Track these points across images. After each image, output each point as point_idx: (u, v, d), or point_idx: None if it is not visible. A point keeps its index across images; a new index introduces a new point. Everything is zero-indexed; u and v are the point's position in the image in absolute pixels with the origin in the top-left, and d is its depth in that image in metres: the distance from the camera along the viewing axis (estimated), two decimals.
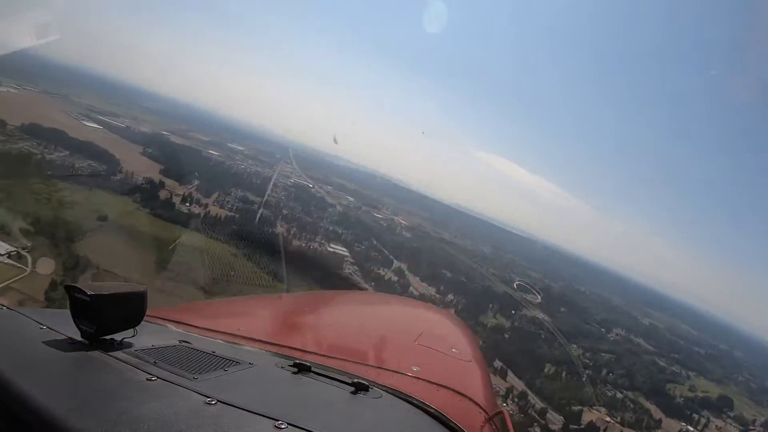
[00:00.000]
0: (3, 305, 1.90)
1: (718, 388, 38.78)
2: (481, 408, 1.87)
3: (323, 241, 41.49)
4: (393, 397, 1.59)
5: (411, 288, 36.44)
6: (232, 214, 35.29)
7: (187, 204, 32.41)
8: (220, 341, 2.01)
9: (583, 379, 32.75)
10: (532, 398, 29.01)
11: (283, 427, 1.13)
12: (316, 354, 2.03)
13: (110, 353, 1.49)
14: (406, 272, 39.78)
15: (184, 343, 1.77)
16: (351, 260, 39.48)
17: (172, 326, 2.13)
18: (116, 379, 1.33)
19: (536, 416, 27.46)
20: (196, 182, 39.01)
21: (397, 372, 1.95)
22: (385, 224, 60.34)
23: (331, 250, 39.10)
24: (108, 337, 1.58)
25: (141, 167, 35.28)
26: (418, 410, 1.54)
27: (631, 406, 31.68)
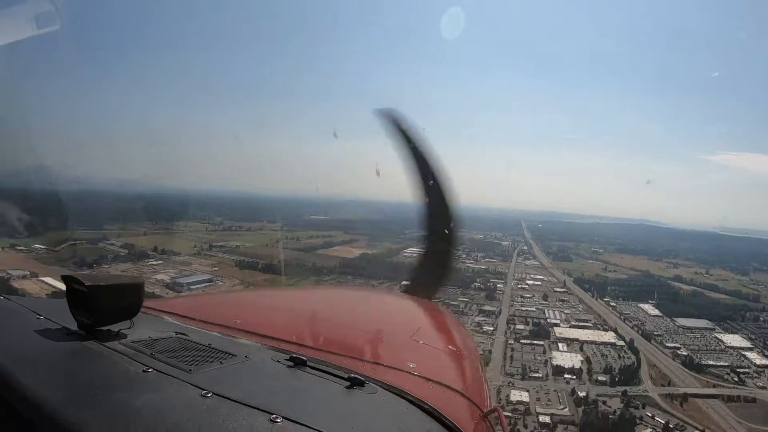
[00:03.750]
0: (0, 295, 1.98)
1: None
2: (475, 405, 1.86)
3: None
4: (388, 392, 1.57)
5: None
6: None
7: None
8: (216, 334, 1.98)
9: None
10: None
11: (278, 420, 1.15)
12: (312, 348, 2.01)
13: (106, 344, 1.54)
14: None
15: (180, 336, 1.79)
16: None
17: (168, 318, 2.14)
18: (112, 370, 1.37)
19: None
20: None
21: (392, 368, 1.92)
22: None
23: None
24: (104, 328, 1.62)
25: None
26: (413, 406, 1.52)
27: None
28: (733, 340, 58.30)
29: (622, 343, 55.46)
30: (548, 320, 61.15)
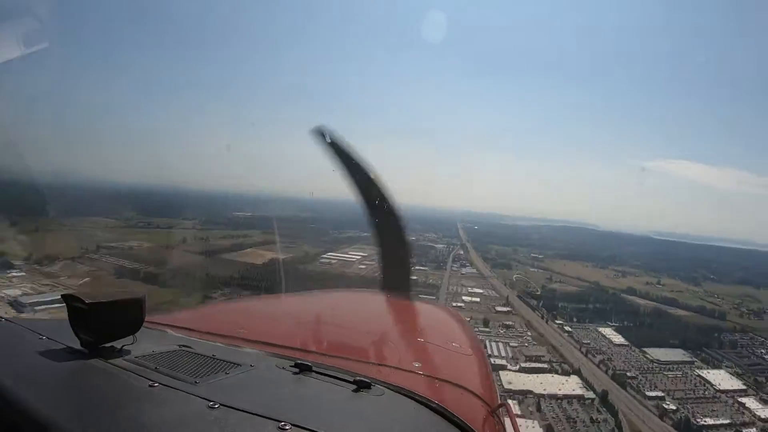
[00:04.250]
0: (1, 317, 1.98)
1: None
2: (483, 401, 1.85)
3: None
4: (395, 393, 1.58)
5: None
6: None
7: None
8: (219, 344, 1.98)
9: None
10: None
11: (287, 428, 1.14)
12: (317, 353, 2.02)
13: (110, 361, 1.53)
14: None
15: (184, 348, 1.79)
16: None
17: (171, 331, 2.13)
18: (118, 386, 1.37)
19: None
20: None
21: (398, 369, 1.93)
22: None
23: None
24: (108, 345, 1.61)
25: None
26: (421, 406, 1.53)
27: None
28: (720, 378, 45.64)
29: (592, 395, 40.26)
30: (492, 358, 44.85)
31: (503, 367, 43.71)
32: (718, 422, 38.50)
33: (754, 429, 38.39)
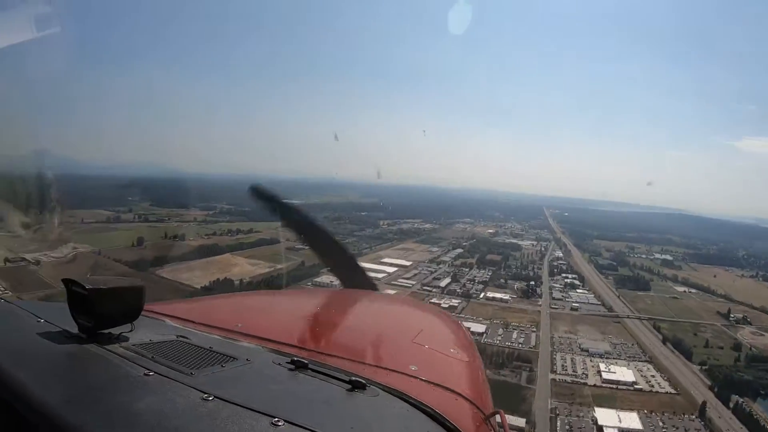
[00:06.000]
0: (1, 298, 1.99)
1: None
2: (477, 407, 1.85)
3: None
4: (390, 395, 1.58)
5: None
6: None
7: None
8: (217, 337, 2.00)
9: None
10: None
11: (279, 424, 1.15)
12: (314, 351, 2.02)
13: (107, 347, 1.54)
14: None
15: (181, 339, 1.81)
16: None
17: (169, 321, 2.14)
18: (113, 373, 1.38)
19: None
20: None
21: (394, 371, 1.91)
22: None
23: None
24: (105, 331, 1.62)
25: None
26: (415, 409, 1.54)
27: None
28: None
29: None
30: None
31: None
32: None
33: None
